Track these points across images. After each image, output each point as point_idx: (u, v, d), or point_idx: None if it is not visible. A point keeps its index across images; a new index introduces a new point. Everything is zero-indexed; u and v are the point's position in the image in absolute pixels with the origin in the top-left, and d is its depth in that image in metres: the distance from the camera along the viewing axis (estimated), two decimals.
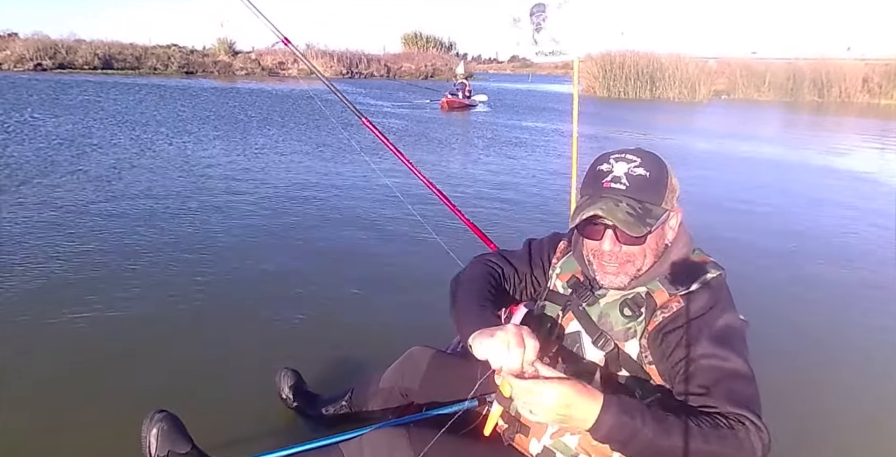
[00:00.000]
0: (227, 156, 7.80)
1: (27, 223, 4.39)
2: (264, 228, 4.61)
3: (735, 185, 7.52)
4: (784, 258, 4.50)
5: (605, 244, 1.24)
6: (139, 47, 30.27)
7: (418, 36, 47.03)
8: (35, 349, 2.61)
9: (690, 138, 12.57)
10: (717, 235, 4.69)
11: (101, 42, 29.42)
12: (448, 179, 6.81)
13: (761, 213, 5.97)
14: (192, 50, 32.22)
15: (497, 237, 2.74)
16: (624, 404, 1.07)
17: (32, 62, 26.00)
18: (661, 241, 1.27)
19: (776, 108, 23.41)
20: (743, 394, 1.13)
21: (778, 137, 14.08)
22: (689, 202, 1.33)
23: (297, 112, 13.62)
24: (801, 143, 12.75)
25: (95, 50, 28.11)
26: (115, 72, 27.48)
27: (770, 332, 2.97)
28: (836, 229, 5.46)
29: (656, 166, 1.24)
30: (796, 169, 9.15)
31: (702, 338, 1.19)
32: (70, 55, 27.31)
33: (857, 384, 2.71)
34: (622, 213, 1.19)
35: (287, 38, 2.60)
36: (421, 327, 2.61)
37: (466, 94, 18.16)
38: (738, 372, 1.15)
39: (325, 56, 34.44)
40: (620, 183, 1.21)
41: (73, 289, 3.24)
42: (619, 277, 1.26)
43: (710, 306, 1.23)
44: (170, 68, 29.59)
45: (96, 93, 16.24)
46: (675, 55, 25.93)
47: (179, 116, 11.82)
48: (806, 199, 6.97)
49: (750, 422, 1.09)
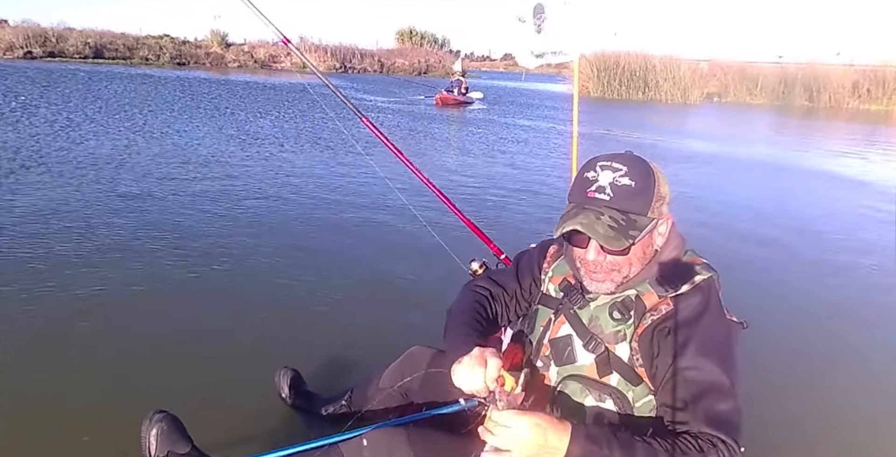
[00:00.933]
0: (226, 147, 7.75)
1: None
2: (263, 227, 4.59)
3: (729, 186, 7.59)
4: (781, 258, 4.57)
5: (589, 254, 1.26)
6: (131, 37, 29.88)
7: (412, 32, 46.81)
8: (34, 349, 2.60)
9: (685, 140, 12.64)
10: (710, 238, 4.72)
11: (91, 31, 29.03)
12: (450, 174, 6.87)
13: (753, 214, 6.02)
14: (184, 41, 31.86)
15: (498, 236, 2.75)
16: (591, 434, 1.10)
17: (22, 50, 25.57)
18: (648, 248, 1.28)
19: (768, 111, 23.56)
20: (721, 411, 1.15)
21: (772, 139, 14.21)
22: (686, 203, 1.35)
23: (293, 107, 13.54)
24: (794, 145, 12.89)
25: (86, 39, 27.71)
26: (105, 61, 27.10)
27: (767, 333, 2.99)
28: (836, 228, 5.55)
29: (643, 175, 1.23)
30: (791, 171, 9.23)
31: (687, 347, 1.20)
32: (60, 43, 26.89)
33: (855, 386, 2.75)
34: (603, 227, 1.19)
35: (287, 37, 2.59)
36: (421, 327, 2.62)
37: (462, 92, 18.26)
38: (719, 386, 1.17)
39: (318, 50, 34.20)
40: (605, 193, 1.21)
41: (74, 289, 3.21)
42: (606, 283, 1.28)
43: (699, 310, 1.23)
44: (161, 59, 29.23)
45: (96, 81, 16.04)
46: (668, 56, 26.02)
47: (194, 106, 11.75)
48: (800, 201, 7.05)
49: (722, 443, 1.11)
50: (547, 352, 1.37)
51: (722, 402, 1.16)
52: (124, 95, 13.30)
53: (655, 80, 25.36)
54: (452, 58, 42.10)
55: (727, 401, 1.16)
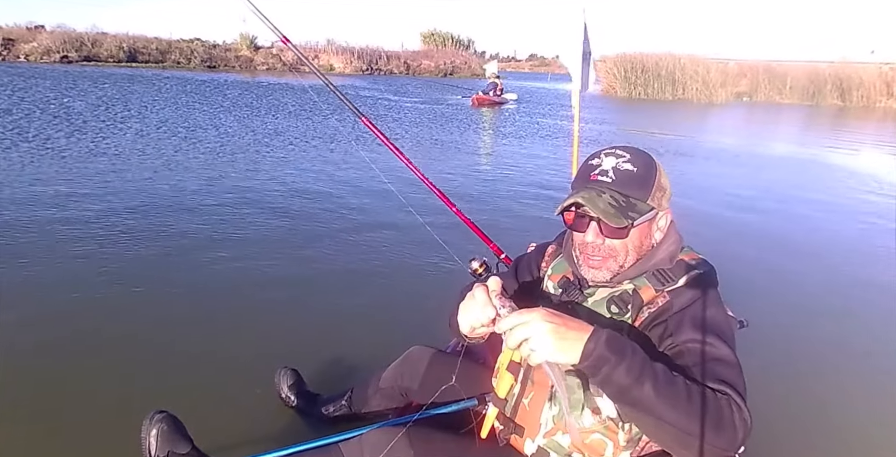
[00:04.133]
0: (235, 145, 7.88)
1: None
2: (263, 227, 4.61)
3: (737, 181, 7.47)
4: (785, 260, 4.49)
5: (588, 235, 1.26)
6: (163, 41, 30.56)
7: (437, 34, 46.86)
8: (34, 349, 2.61)
9: (716, 137, 12.50)
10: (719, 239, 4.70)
11: (125, 35, 29.78)
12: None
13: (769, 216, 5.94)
14: (214, 44, 32.49)
15: (503, 232, 2.73)
16: (613, 336, 1.06)
17: (58, 54, 26.35)
18: (646, 240, 1.29)
19: (798, 110, 23.08)
20: (728, 377, 1.10)
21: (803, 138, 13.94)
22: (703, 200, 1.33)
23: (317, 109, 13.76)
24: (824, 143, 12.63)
25: (120, 43, 28.44)
26: (139, 65, 27.79)
27: (767, 333, 2.96)
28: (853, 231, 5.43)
29: (645, 164, 1.26)
30: (806, 170, 9.07)
31: (686, 326, 1.18)
32: (95, 48, 27.64)
33: (857, 386, 2.72)
34: (603, 203, 1.20)
35: (286, 36, 2.59)
36: (421, 327, 2.60)
37: (497, 93, 18.91)
38: (724, 358, 1.13)
39: (344, 52, 34.55)
40: (607, 176, 1.24)
41: (73, 288, 3.24)
42: (602, 271, 1.28)
43: (696, 297, 1.23)
44: (192, 62, 29.84)
45: (148, 85, 16.46)
46: (694, 57, 25.67)
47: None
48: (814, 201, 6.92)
49: (734, 401, 1.06)
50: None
51: (730, 372, 1.12)
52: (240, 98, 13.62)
53: (683, 79, 25.03)
54: (478, 59, 42.18)
55: (734, 372, 1.12)
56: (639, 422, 1.09)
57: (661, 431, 1.05)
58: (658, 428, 1.05)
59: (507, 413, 1.37)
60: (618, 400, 1.08)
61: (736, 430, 1.03)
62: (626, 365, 1.03)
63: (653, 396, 1.02)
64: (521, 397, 1.35)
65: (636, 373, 1.03)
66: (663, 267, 1.28)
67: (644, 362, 1.05)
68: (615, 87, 25.90)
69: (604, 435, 1.23)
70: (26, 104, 11.04)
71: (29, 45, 26.40)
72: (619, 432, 1.21)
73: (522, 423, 1.35)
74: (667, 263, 1.28)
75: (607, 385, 1.05)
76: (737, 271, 3.77)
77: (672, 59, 25.40)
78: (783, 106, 25.18)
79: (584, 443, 1.24)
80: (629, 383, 1.03)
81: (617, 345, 1.05)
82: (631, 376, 1.03)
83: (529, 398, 1.33)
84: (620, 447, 1.23)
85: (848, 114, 22.70)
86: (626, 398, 1.05)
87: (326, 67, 33.45)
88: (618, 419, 1.21)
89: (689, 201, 5.99)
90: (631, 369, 1.03)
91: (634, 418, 1.09)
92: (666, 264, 1.28)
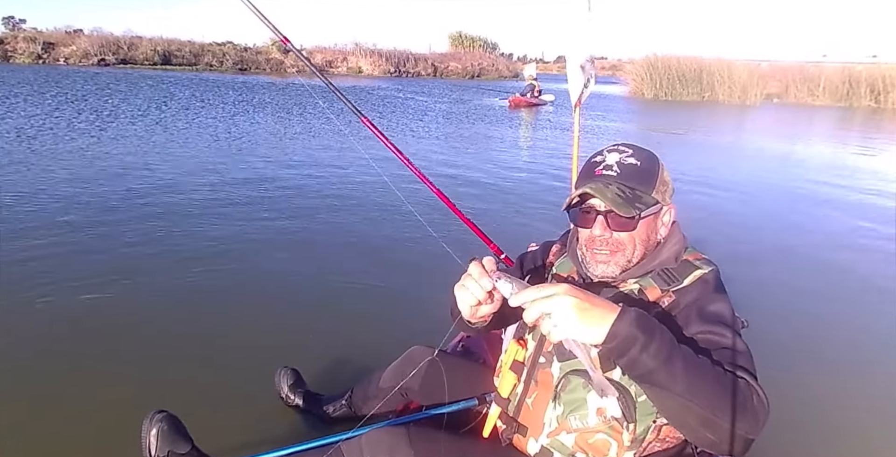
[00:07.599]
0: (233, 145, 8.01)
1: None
2: (264, 227, 4.61)
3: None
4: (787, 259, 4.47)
5: (595, 229, 1.27)
6: (196, 44, 31.14)
7: (462, 36, 46.71)
8: (34, 350, 2.62)
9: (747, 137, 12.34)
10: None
11: (160, 39, 30.44)
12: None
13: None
14: (245, 47, 32.99)
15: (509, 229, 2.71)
16: (641, 315, 1.04)
17: (96, 57, 27.04)
18: (652, 234, 1.30)
19: (831, 112, 22.50)
20: (742, 362, 1.10)
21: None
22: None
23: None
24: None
25: (155, 46, 29.08)
26: (173, 67, 28.34)
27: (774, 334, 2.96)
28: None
29: (648, 159, 1.30)
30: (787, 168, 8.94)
31: (694, 320, 1.18)
32: (131, 51, 28.30)
33: (858, 386, 2.69)
34: (611, 193, 1.23)
35: (286, 37, 2.60)
36: (421, 327, 2.57)
37: (535, 95, 19.28)
38: (735, 347, 1.13)
39: (373, 55, 34.72)
40: (612, 170, 1.27)
41: (72, 289, 3.25)
42: (610, 266, 1.28)
43: (702, 293, 1.23)
44: (224, 65, 30.34)
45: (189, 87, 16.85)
46: (721, 58, 25.24)
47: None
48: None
49: (751, 385, 1.05)
50: (549, 348, 1.35)
51: (743, 359, 1.11)
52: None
53: (711, 81, 24.61)
54: (505, 61, 41.99)
55: (747, 359, 1.11)
56: (663, 404, 1.07)
57: (687, 413, 1.03)
58: (684, 410, 1.02)
59: (510, 413, 1.38)
60: (645, 381, 1.04)
61: (757, 413, 1.02)
62: (657, 346, 1.00)
63: (683, 377, 1.00)
64: (524, 396, 1.36)
65: (665, 354, 1.01)
66: (668, 266, 1.28)
67: (672, 342, 1.03)
68: (642, 89, 25.56)
69: (608, 435, 1.22)
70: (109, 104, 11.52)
71: (68, 48, 27.13)
72: (623, 432, 1.21)
73: (525, 422, 1.35)
74: (671, 262, 1.29)
75: (635, 367, 1.02)
76: (737, 271, 3.73)
77: (698, 61, 24.99)
78: (815, 107, 24.56)
79: (588, 443, 1.24)
80: (657, 365, 1.00)
81: (647, 324, 1.02)
82: (660, 358, 1.00)
83: (533, 398, 1.33)
84: (624, 447, 1.22)
85: (884, 115, 22.07)
86: (654, 379, 1.02)
87: (355, 70, 33.67)
88: (622, 419, 1.20)
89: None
90: (660, 350, 1.01)
91: (659, 400, 1.06)
92: (671, 264, 1.29)
